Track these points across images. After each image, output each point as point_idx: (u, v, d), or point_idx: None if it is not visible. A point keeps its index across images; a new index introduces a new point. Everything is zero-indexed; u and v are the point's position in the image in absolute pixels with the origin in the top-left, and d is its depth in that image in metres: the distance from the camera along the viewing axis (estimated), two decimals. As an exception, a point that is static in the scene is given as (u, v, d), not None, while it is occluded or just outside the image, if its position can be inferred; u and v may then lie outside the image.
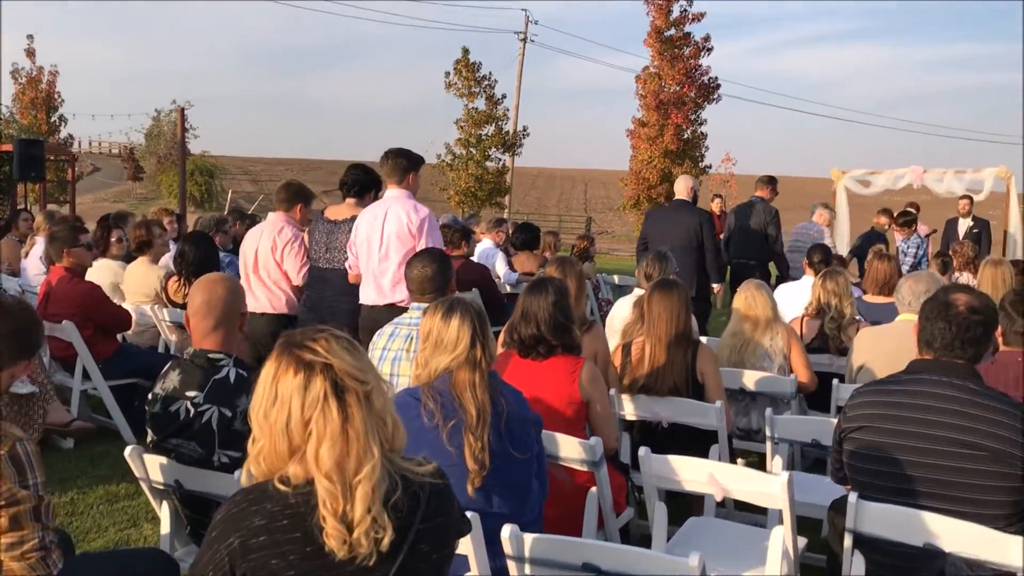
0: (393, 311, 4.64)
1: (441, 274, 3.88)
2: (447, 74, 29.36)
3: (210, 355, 2.99)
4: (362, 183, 5.50)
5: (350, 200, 5.49)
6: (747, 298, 5.00)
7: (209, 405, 2.92)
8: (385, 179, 5.20)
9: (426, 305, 3.38)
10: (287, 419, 1.79)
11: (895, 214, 10.79)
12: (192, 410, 2.93)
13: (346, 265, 5.19)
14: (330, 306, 5.27)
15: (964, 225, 11.57)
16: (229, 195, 43.75)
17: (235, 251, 8.34)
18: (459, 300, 2.95)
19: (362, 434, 1.80)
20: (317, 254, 5.42)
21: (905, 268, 9.97)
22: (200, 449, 2.94)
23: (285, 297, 5.57)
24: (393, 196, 5.05)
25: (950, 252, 9.02)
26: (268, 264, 5.52)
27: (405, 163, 5.07)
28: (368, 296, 5.02)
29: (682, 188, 7.83)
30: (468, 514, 2.36)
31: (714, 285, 7.81)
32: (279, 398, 1.80)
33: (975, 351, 2.90)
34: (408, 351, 3.72)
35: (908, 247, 10.45)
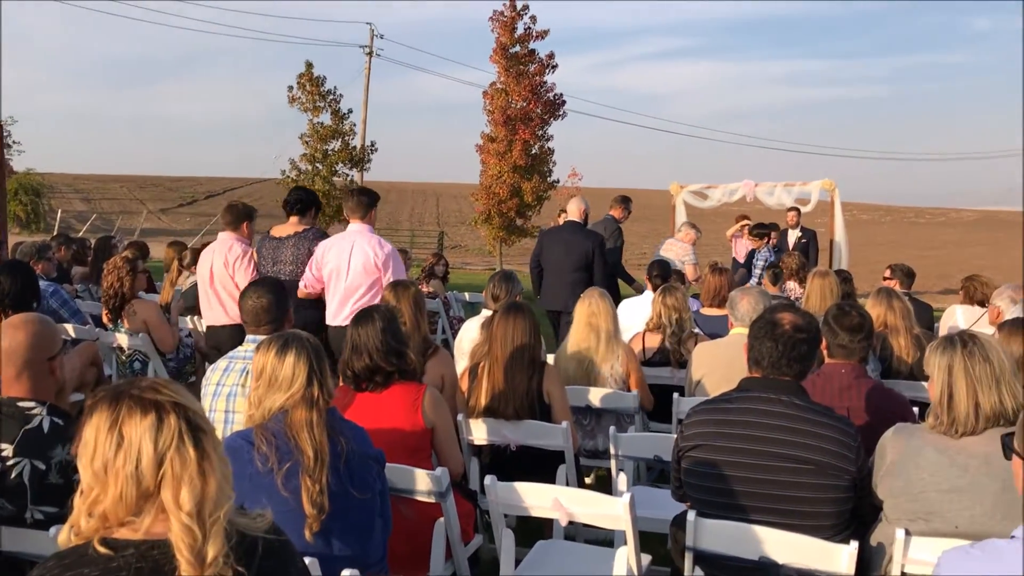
0: None
1: (277, 305, 3.74)
2: (290, 88, 28.76)
3: (20, 403, 2.76)
4: (304, 202, 6.11)
5: (293, 218, 6.08)
6: (590, 305, 5.03)
7: (20, 458, 2.68)
8: (348, 214, 5.86)
9: (261, 339, 3.24)
10: (136, 463, 1.68)
11: (751, 226, 11.39)
12: (0, 464, 2.69)
13: (301, 283, 5.74)
14: None
15: (793, 236, 12.21)
16: (59, 215, 41.32)
17: (60, 279, 7.84)
18: (295, 335, 2.83)
19: (219, 474, 1.73)
20: (265, 268, 5.97)
21: (753, 280, 10.48)
22: (10, 506, 2.69)
23: (236, 308, 5.89)
24: (356, 230, 5.73)
25: (780, 263, 9.49)
26: (223, 279, 6.03)
27: (367, 200, 5.83)
28: (335, 317, 5.66)
29: (574, 210, 8.04)
30: (307, 560, 2.26)
31: None
32: (126, 441, 1.69)
33: (801, 368, 3.04)
34: (244, 386, 3.55)
35: (758, 259, 10.95)
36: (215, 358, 5.19)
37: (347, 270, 5.59)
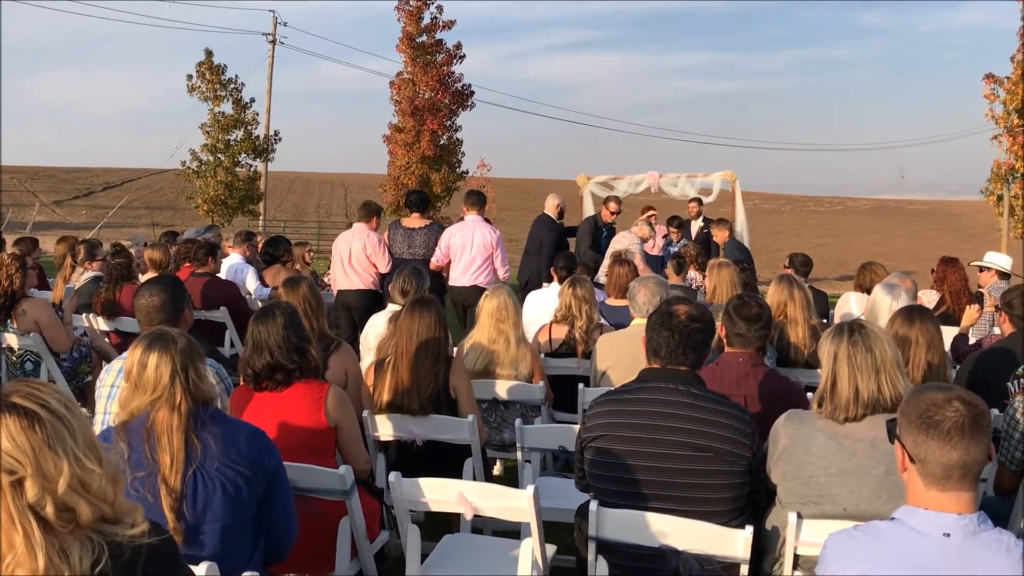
0: (475, 290, 7.42)
1: (171, 304, 3.63)
2: (189, 77, 27.99)
3: None
4: (422, 202, 8.46)
5: (415, 214, 8.30)
6: (498, 302, 4.98)
7: None
8: (467, 208, 8.18)
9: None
10: None
11: (668, 218, 11.59)
12: None
13: (433, 257, 7.94)
14: None
15: (695, 226, 12.47)
16: (-57, 208, 39.28)
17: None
18: (163, 333, 2.74)
19: (46, 468, 1.65)
20: (401, 250, 8.08)
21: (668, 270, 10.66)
22: None
23: (369, 279, 8.09)
24: (474, 219, 8.04)
25: (681, 253, 9.68)
26: (360, 258, 8.01)
27: (482, 199, 8.45)
28: (458, 280, 8.04)
29: (550, 205, 9.91)
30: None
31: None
32: None
33: (696, 357, 3.11)
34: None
35: (673, 249, 11.14)
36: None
37: (470, 247, 7.87)
